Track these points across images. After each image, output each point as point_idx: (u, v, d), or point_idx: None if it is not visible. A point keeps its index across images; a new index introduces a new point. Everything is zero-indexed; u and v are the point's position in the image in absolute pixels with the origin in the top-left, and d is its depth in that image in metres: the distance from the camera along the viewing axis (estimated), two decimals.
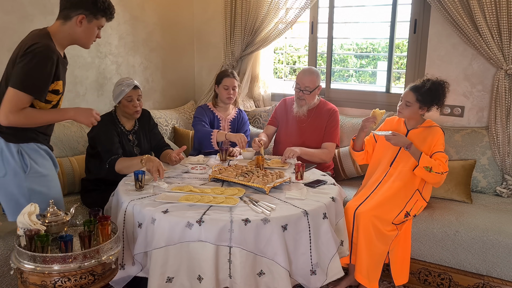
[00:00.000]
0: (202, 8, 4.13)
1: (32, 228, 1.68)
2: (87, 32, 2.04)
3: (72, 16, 1.99)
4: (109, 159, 2.48)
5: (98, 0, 1.99)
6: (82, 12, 1.98)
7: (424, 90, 2.53)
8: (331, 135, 3.03)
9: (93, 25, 2.03)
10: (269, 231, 1.86)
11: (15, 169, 1.98)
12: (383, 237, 2.43)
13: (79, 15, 1.98)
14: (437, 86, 2.56)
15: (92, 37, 2.08)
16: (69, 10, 1.99)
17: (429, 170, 2.44)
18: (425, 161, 2.45)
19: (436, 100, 2.56)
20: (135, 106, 2.64)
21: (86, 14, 1.99)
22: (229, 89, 3.12)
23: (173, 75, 4.06)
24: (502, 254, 2.38)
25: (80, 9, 1.98)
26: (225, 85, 3.12)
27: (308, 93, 2.95)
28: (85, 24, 2.01)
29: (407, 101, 2.56)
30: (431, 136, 2.56)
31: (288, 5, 3.50)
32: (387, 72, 3.51)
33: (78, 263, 1.64)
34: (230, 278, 1.86)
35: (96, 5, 1.99)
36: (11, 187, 2.00)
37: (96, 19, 2.03)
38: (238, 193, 2.13)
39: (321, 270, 1.99)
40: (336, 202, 2.18)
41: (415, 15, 3.25)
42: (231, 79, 3.12)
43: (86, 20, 2.00)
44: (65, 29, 2.01)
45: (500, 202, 2.81)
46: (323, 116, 3.04)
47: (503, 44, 2.81)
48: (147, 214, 1.95)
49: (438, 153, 2.51)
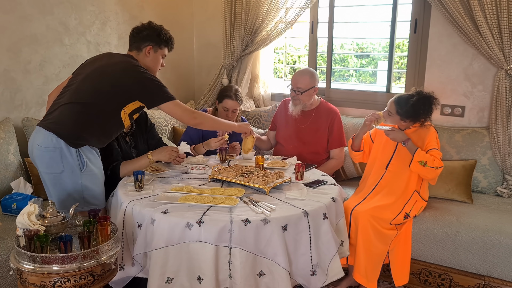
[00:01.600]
0: (202, 7, 4.12)
1: (31, 228, 1.67)
2: (154, 61, 2.38)
3: (142, 47, 2.34)
4: (110, 166, 2.44)
5: (161, 33, 2.36)
6: (149, 43, 2.33)
7: (407, 106, 2.49)
8: (337, 140, 3.01)
9: (158, 54, 2.38)
10: (269, 231, 1.86)
11: (73, 167, 2.12)
12: (382, 236, 2.43)
13: (147, 46, 2.33)
14: (422, 104, 2.50)
15: (158, 65, 2.42)
16: (138, 43, 2.35)
17: (424, 165, 2.44)
18: (420, 156, 2.45)
19: (417, 116, 2.52)
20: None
21: (153, 45, 2.34)
22: (229, 112, 2.92)
23: (172, 75, 4.05)
24: (502, 255, 2.38)
25: (147, 41, 2.33)
26: (225, 107, 2.91)
27: (299, 93, 2.92)
28: (152, 53, 2.36)
29: (389, 110, 2.57)
30: (424, 135, 2.55)
31: (288, 5, 3.49)
32: (388, 72, 3.50)
33: (77, 264, 1.63)
34: (230, 279, 1.85)
35: (160, 36, 2.35)
36: (66, 183, 2.14)
37: (161, 49, 2.38)
38: (238, 194, 2.13)
39: (321, 271, 1.99)
40: (336, 202, 2.18)
41: (415, 14, 3.24)
42: (232, 102, 2.90)
43: (153, 50, 2.35)
44: (140, 59, 2.34)
45: (500, 202, 2.81)
46: (323, 117, 3.02)
47: (504, 44, 2.80)
48: (146, 214, 1.94)
49: (432, 150, 2.50)
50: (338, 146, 3.02)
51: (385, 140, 2.67)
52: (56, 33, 3.00)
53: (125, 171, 2.43)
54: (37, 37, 2.90)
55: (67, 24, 3.07)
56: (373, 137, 2.78)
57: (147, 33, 2.33)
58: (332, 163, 3.03)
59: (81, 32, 3.16)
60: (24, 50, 2.84)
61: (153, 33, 2.34)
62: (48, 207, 1.85)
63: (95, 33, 3.26)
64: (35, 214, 1.73)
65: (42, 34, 2.92)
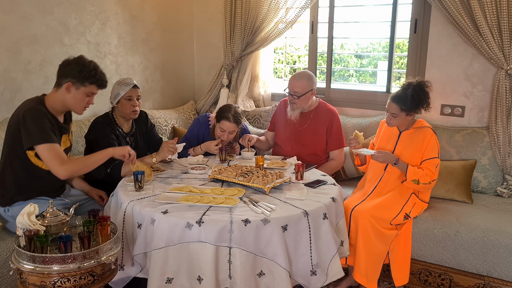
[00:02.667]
0: (202, 7, 4.12)
1: (31, 228, 1.67)
2: (76, 98, 2.19)
3: (62, 83, 2.16)
4: (111, 165, 2.44)
5: (84, 69, 2.15)
6: (70, 80, 2.15)
7: (407, 99, 2.49)
8: (337, 141, 2.99)
9: (81, 92, 2.18)
10: (269, 231, 1.86)
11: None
12: (382, 236, 2.43)
13: (67, 83, 2.15)
14: (419, 91, 2.50)
15: (82, 103, 2.22)
16: (60, 78, 2.18)
17: (417, 183, 2.47)
18: (411, 175, 2.46)
19: (421, 104, 2.53)
20: (133, 106, 2.62)
21: (74, 81, 2.15)
22: (225, 133, 2.81)
23: (172, 75, 4.05)
24: (502, 255, 2.38)
25: (68, 77, 2.15)
26: (222, 128, 2.80)
27: (296, 97, 2.90)
28: (73, 90, 2.17)
29: (392, 113, 2.54)
30: (420, 137, 2.54)
31: (288, 5, 3.49)
32: (388, 72, 3.50)
33: (77, 264, 1.63)
34: (230, 279, 1.85)
35: (81, 73, 2.14)
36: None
37: (84, 86, 2.17)
38: (238, 194, 2.12)
39: (321, 271, 1.99)
40: (336, 202, 2.18)
41: (415, 14, 3.24)
42: (230, 124, 2.77)
43: (73, 87, 2.16)
44: (58, 95, 2.19)
45: (500, 202, 2.81)
46: (322, 118, 3.00)
47: (504, 44, 2.80)
48: (146, 214, 1.94)
49: (427, 161, 2.50)
50: (338, 148, 3.01)
51: (384, 142, 2.68)
52: (56, 33, 3.00)
53: (126, 170, 2.43)
54: (37, 37, 2.90)
55: (67, 24, 3.07)
56: (374, 141, 2.80)
57: (70, 68, 2.15)
58: (333, 164, 3.02)
59: (81, 32, 3.16)
60: (24, 50, 2.84)
61: (75, 68, 2.14)
62: (48, 207, 1.85)
63: (95, 33, 3.26)
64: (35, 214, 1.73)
65: (42, 34, 2.92)
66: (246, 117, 3.79)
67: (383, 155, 2.52)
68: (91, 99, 2.24)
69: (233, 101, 3.84)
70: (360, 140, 2.65)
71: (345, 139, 3.06)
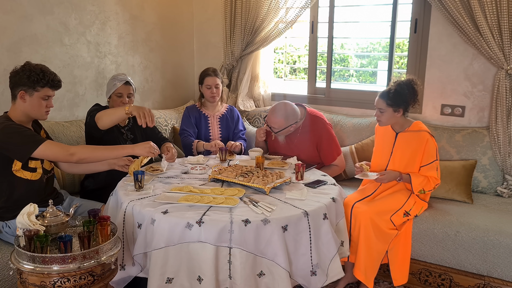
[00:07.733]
0: (202, 7, 4.12)
1: (31, 228, 1.67)
2: (33, 105, 2.14)
3: (16, 94, 2.13)
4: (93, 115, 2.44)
5: (31, 74, 2.09)
6: (21, 88, 2.11)
7: (392, 94, 2.51)
8: (331, 152, 2.93)
9: (35, 97, 2.13)
10: (269, 231, 1.86)
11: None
12: (382, 235, 2.44)
13: (19, 92, 2.12)
14: (403, 87, 2.52)
15: (41, 108, 2.17)
16: (13, 89, 2.14)
17: (423, 192, 2.54)
18: (417, 186, 2.52)
19: (407, 100, 2.53)
20: (123, 103, 2.62)
21: (25, 89, 2.11)
22: (212, 88, 3.13)
23: (172, 75, 4.05)
24: (503, 255, 2.38)
25: (19, 86, 2.11)
26: (207, 85, 3.14)
27: (275, 132, 2.87)
28: (27, 98, 2.13)
29: (379, 108, 2.57)
30: (417, 141, 2.55)
31: (288, 5, 3.49)
32: (388, 72, 3.50)
33: (77, 264, 1.63)
34: (230, 279, 1.85)
35: (30, 78, 2.09)
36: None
37: (37, 91, 2.13)
38: (238, 194, 2.12)
39: (321, 271, 1.99)
40: (336, 203, 2.18)
41: (415, 14, 3.24)
42: (212, 78, 3.13)
43: (27, 94, 2.12)
44: (17, 107, 2.15)
45: (501, 202, 2.81)
46: (311, 130, 2.92)
47: (504, 43, 2.80)
48: (146, 214, 1.94)
49: (426, 166, 2.52)
50: (335, 157, 2.96)
51: (381, 145, 2.71)
52: (56, 33, 3.00)
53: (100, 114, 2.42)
54: (37, 37, 2.90)
55: (67, 24, 3.06)
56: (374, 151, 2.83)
57: (18, 77, 2.10)
58: (335, 169, 3.00)
59: (81, 32, 3.16)
60: (24, 50, 2.84)
61: (23, 75, 2.09)
62: (48, 207, 1.85)
63: (95, 33, 3.26)
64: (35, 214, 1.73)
65: (42, 34, 2.92)
66: (246, 117, 3.79)
67: (386, 176, 2.55)
68: (49, 101, 2.19)
69: (233, 101, 3.85)
70: (365, 170, 2.64)
71: (338, 143, 3.01)
